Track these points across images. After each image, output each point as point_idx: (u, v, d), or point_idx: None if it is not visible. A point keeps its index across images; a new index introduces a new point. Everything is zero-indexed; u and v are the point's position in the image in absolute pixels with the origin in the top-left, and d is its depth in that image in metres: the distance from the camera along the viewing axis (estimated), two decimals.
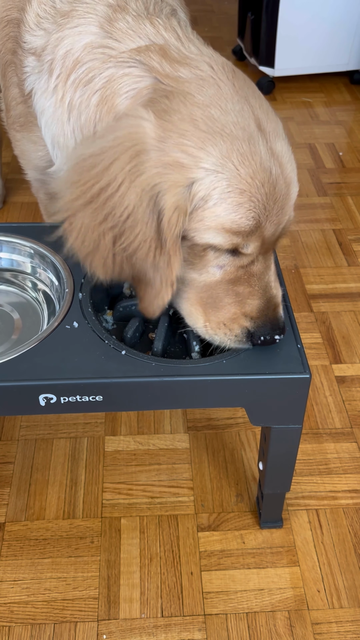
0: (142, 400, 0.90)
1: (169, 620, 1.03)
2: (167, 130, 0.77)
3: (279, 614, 1.04)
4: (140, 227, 0.77)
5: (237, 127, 0.79)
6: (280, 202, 0.81)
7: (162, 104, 0.80)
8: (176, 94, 0.80)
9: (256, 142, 0.80)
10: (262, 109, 0.84)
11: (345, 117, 2.42)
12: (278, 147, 0.82)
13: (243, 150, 0.78)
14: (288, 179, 0.82)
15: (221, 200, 0.77)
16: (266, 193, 0.79)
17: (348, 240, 1.82)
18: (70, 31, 0.93)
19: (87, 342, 0.92)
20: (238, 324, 0.87)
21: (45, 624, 1.02)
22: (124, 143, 0.77)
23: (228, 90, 0.82)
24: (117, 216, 0.77)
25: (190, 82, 0.82)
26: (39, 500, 1.19)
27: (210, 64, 0.84)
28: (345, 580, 1.08)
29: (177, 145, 0.77)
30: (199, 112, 0.78)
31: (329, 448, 1.28)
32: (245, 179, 0.77)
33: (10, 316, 1.05)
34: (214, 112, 0.79)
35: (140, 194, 0.76)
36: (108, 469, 1.24)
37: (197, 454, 1.27)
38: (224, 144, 0.77)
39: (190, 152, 0.77)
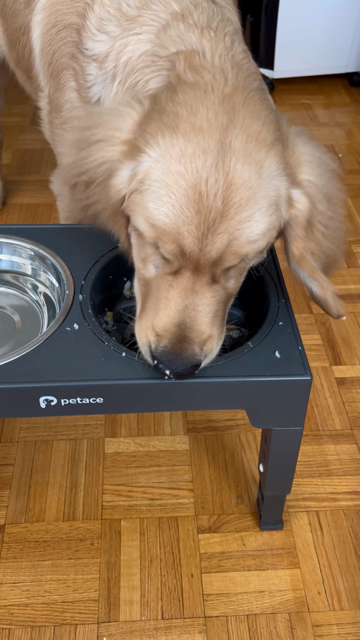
0: (142, 402, 0.90)
1: (169, 623, 1.02)
2: (146, 118, 0.84)
3: (280, 616, 1.03)
4: (95, 187, 0.87)
5: (195, 129, 0.79)
6: (206, 216, 0.78)
7: (157, 96, 0.86)
8: (168, 91, 0.85)
9: (207, 151, 0.78)
10: (246, 129, 0.80)
11: (345, 119, 2.43)
12: (237, 167, 0.78)
13: (186, 151, 0.78)
14: (229, 200, 0.78)
15: (149, 190, 0.80)
16: (188, 196, 0.77)
17: (348, 242, 1.82)
18: (134, 38, 0.97)
19: (88, 344, 0.92)
20: (146, 334, 0.85)
21: (45, 626, 1.02)
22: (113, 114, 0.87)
23: (214, 98, 0.82)
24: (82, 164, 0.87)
25: (185, 83, 0.84)
26: (39, 502, 1.18)
27: (216, 75, 0.84)
28: (345, 582, 1.08)
29: (143, 131, 0.83)
30: (170, 107, 0.82)
31: (329, 450, 1.28)
32: (173, 175, 0.78)
33: (11, 318, 1.05)
34: (182, 110, 0.81)
35: (101, 161, 0.85)
36: (108, 471, 1.24)
37: (197, 456, 1.27)
38: (173, 139, 0.79)
39: (146, 137, 0.82)
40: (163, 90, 0.87)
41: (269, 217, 0.82)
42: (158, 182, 0.79)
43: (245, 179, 0.79)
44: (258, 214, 0.80)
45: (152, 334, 0.84)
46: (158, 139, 0.80)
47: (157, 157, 0.80)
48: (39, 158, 2.13)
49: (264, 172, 0.80)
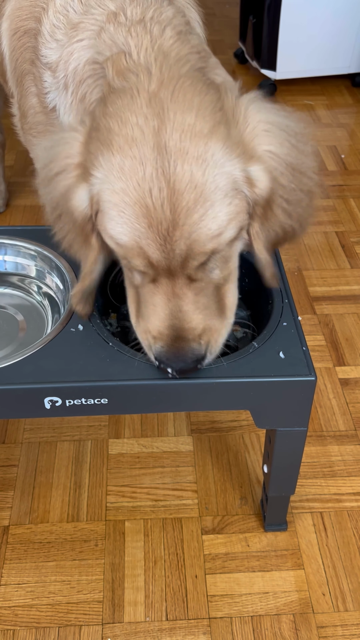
0: (147, 403, 0.90)
1: (173, 624, 1.02)
2: (89, 137, 0.83)
3: (284, 617, 1.03)
4: (64, 219, 0.87)
5: (128, 141, 0.77)
6: (159, 226, 0.77)
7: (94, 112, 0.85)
8: (100, 104, 0.84)
9: (145, 161, 0.76)
10: (180, 126, 0.76)
11: (347, 120, 2.43)
12: (177, 170, 0.75)
13: (124, 166, 0.77)
14: (176, 206, 0.76)
15: (104, 211, 0.80)
16: (136, 213, 0.77)
17: (351, 242, 1.82)
18: (78, 45, 0.95)
19: (92, 344, 0.92)
20: (147, 337, 0.86)
21: (49, 627, 1.02)
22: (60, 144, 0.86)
23: (140, 101, 0.79)
24: (50, 203, 0.88)
25: (113, 93, 0.83)
26: (43, 503, 1.18)
27: (140, 74, 0.81)
28: (350, 584, 1.08)
29: (89, 152, 0.82)
30: (103, 122, 0.80)
31: (333, 450, 1.28)
32: (118, 194, 0.77)
33: (15, 319, 1.05)
34: (112, 123, 0.79)
35: (62, 191, 0.85)
36: (112, 472, 1.24)
37: (201, 457, 1.27)
38: (110, 157, 0.78)
39: (91, 159, 0.81)
40: (97, 104, 0.86)
41: (227, 206, 0.78)
42: (108, 203, 0.79)
43: (188, 179, 0.76)
44: (212, 210, 0.77)
45: (151, 337, 0.85)
46: (99, 159, 0.79)
47: (102, 178, 0.79)
48: None
49: (208, 165, 0.77)
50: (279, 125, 0.82)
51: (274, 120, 0.82)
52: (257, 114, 0.82)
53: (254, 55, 2.59)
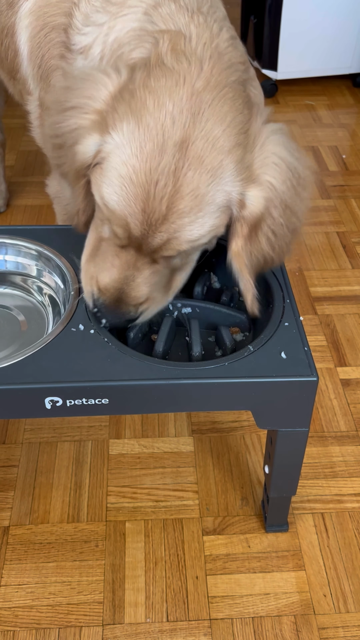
0: (148, 403, 0.90)
1: (174, 625, 1.02)
2: (120, 93, 0.83)
3: (285, 618, 1.03)
4: (64, 151, 0.89)
5: (158, 126, 0.80)
6: (150, 214, 0.81)
7: (135, 71, 0.85)
8: (144, 70, 0.84)
9: (164, 152, 0.79)
10: (206, 133, 0.80)
11: (348, 120, 2.42)
12: (187, 174, 0.80)
13: (145, 148, 0.80)
14: (173, 206, 0.80)
15: (107, 172, 0.83)
16: (136, 194, 0.81)
17: (352, 242, 1.82)
18: (121, 19, 0.96)
19: (93, 344, 0.92)
20: (92, 283, 0.93)
21: (49, 628, 1.01)
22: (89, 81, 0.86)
23: (182, 92, 0.81)
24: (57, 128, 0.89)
25: (161, 68, 0.83)
26: (43, 504, 1.18)
27: (192, 65, 0.82)
28: (351, 585, 1.07)
29: (113, 109, 0.83)
30: (140, 92, 0.82)
31: (334, 451, 1.27)
32: (128, 168, 0.81)
33: (16, 319, 1.05)
34: (149, 100, 0.81)
35: (73, 127, 0.86)
36: (112, 473, 1.23)
37: (202, 457, 1.26)
38: (135, 130, 0.80)
39: (115, 117, 0.82)
40: (140, 66, 0.85)
41: (214, 219, 0.84)
42: (115, 169, 0.81)
43: (194, 187, 0.80)
44: (201, 220, 0.83)
45: (96, 287, 0.92)
46: (123, 124, 0.81)
47: (119, 144, 0.81)
48: (42, 159, 2.13)
49: (215, 180, 0.82)
50: (288, 164, 0.87)
51: (285, 158, 0.87)
52: (273, 147, 0.87)
53: (255, 55, 2.58)
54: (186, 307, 1.02)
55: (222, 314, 1.01)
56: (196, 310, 1.02)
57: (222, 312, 1.01)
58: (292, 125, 2.38)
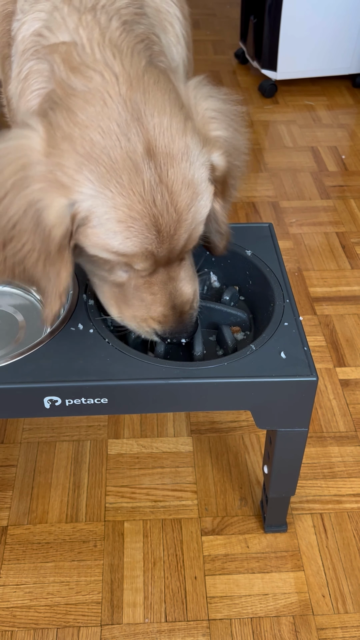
0: (147, 402, 0.90)
1: (172, 625, 1.02)
2: (51, 147, 0.77)
3: (284, 619, 1.03)
4: (26, 237, 0.78)
5: (118, 153, 0.75)
6: (167, 230, 0.79)
7: (51, 117, 0.78)
8: (62, 108, 0.78)
9: (141, 170, 0.76)
10: (160, 128, 0.78)
11: (348, 121, 2.42)
12: (170, 174, 0.78)
13: (122, 181, 0.76)
14: (179, 206, 0.79)
15: (100, 225, 0.77)
16: (146, 224, 0.78)
17: (351, 243, 1.82)
18: (31, 16, 0.91)
19: (92, 344, 0.91)
20: (147, 324, 0.90)
21: (48, 628, 1.01)
22: (10, 154, 0.77)
23: (115, 107, 0.76)
24: (3, 223, 0.78)
25: (76, 96, 0.77)
26: (42, 504, 1.18)
27: (103, 75, 0.78)
28: (350, 585, 1.07)
29: (57, 165, 0.76)
30: (77, 133, 0.76)
31: (333, 452, 1.27)
32: (121, 209, 0.76)
33: (15, 318, 1.05)
34: (93, 134, 0.75)
35: (25, 207, 0.76)
36: (111, 472, 1.23)
37: (201, 458, 1.26)
38: (101, 171, 0.75)
39: (70, 173, 0.76)
40: (52, 107, 0.79)
41: (208, 193, 0.84)
42: (109, 219, 0.77)
43: (181, 179, 0.79)
44: (202, 201, 0.82)
45: (154, 323, 0.89)
46: (86, 174, 0.75)
47: (95, 194, 0.76)
48: None
49: (190, 161, 0.80)
50: (222, 111, 0.87)
51: (217, 107, 0.87)
52: (204, 102, 0.86)
53: (255, 55, 2.58)
54: None
55: (223, 313, 1.01)
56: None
57: (223, 311, 1.01)
58: (292, 125, 2.38)
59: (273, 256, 1.06)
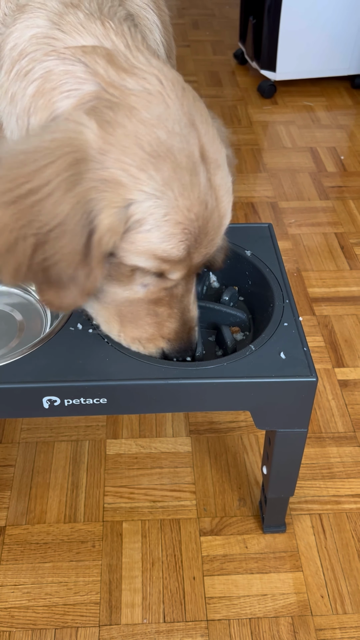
0: (146, 402, 0.90)
1: (171, 626, 1.02)
2: (109, 144, 0.73)
3: (283, 619, 1.03)
4: (68, 239, 0.72)
5: (182, 154, 0.75)
6: (211, 234, 0.80)
7: (106, 115, 0.75)
8: (121, 107, 0.75)
9: (198, 173, 0.77)
10: (208, 135, 0.79)
11: (347, 121, 2.43)
12: (217, 180, 0.79)
13: (185, 181, 0.75)
14: (222, 212, 0.81)
15: (156, 228, 0.75)
16: (199, 226, 0.78)
17: (350, 243, 1.82)
18: (20, 25, 0.86)
19: (91, 344, 0.91)
20: (154, 344, 0.89)
21: (46, 629, 1.01)
22: (62, 147, 0.72)
23: (176, 110, 0.76)
24: (43, 223, 0.71)
25: (137, 96, 0.76)
26: (40, 504, 1.18)
27: (159, 78, 0.77)
28: (349, 586, 1.07)
29: (117, 162, 0.73)
30: (143, 131, 0.74)
31: (332, 452, 1.27)
32: (182, 210, 0.75)
33: (14, 318, 1.05)
34: (160, 133, 0.74)
35: (75, 206, 0.71)
36: (109, 473, 1.23)
37: (200, 458, 1.26)
38: (166, 170, 0.74)
39: (132, 172, 0.73)
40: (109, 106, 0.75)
41: None
42: (168, 220, 0.75)
43: (225, 186, 0.81)
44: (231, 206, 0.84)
45: (163, 342, 0.89)
46: (151, 172, 0.73)
47: (157, 194, 0.74)
48: None
49: (227, 169, 0.83)
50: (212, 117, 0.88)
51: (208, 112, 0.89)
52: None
53: (254, 56, 2.58)
54: None
55: (222, 314, 1.01)
56: None
57: (223, 311, 1.01)
58: (291, 126, 2.39)
59: (272, 256, 1.06)
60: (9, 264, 0.74)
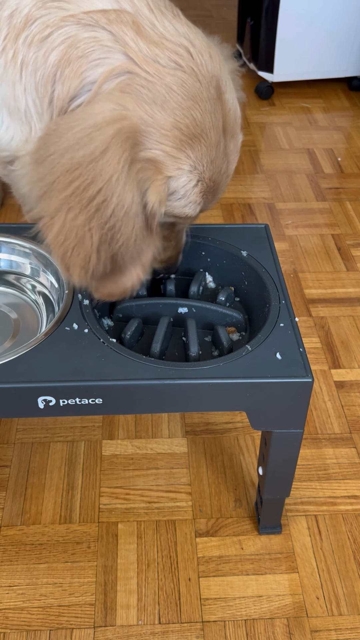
0: (142, 403, 0.89)
1: (166, 627, 1.01)
2: (150, 127, 0.77)
3: (278, 621, 1.02)
4: (133, 221, 0.78)
5: (212, 132, 0.83)
6: (219, 193, 0.90)
7: (144, 94, 0.76)
8: (158, 87, 0.77)
9: (220, 146, 0.85)
10: (229, 104, 0.86)
11: (344, 123, 2.43)
12: (231, 147, 0.88)
13: (212, 156, 0.84)
14: (229, 173, 0.90)
15: (184, 197, 0.85)
16: (215, 191, 0.89)
17: (347, 245, 1.82)
18: None
19: (87, 343, 0.91)
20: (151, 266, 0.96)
21: (40, 630, 1.00)
22: (111, 134, 0.73)
23: (207, 86, 0.81)
24: (110, 214, 0.74)
25: (172, 74, 0.78)
26: (35, 505, 1.17)
27: (189, 50, 0.79)
28: (344, 587, 1.07)
29: (158, 144, 0.79)
30: (180, 113, 0.79)
31: (328, 453, 1.27)
32: (206, 181, 0.86)
33: (9, 317, 1.04)
34: (195, 114, 0.80)
35: (135, 192, 0.77)
36: (105, 473, 1.23)
37: (196, 459, 1.26)
38: (199, 149, 0.82)
39: (172, 153, 0.80)
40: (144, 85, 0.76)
41: None
42: (195, 192, 0.85)
43: (235, 150, 0.89)
44: None
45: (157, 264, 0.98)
46: (188, 152, 0.81)
47: (190, 169, 0.83)
48: None
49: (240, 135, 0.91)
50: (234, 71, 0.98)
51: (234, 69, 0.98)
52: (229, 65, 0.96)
53: (252, 57, 2.59)
54: (182, 307, 1.01)
55: (218, 314, 1.01)
56: (192, 310, 1.01)
57: (219, 311, 1.01)
58: (288, 127, 2.39)
59: (269, 257, 1.06)
60: (77, 259, 0.77)
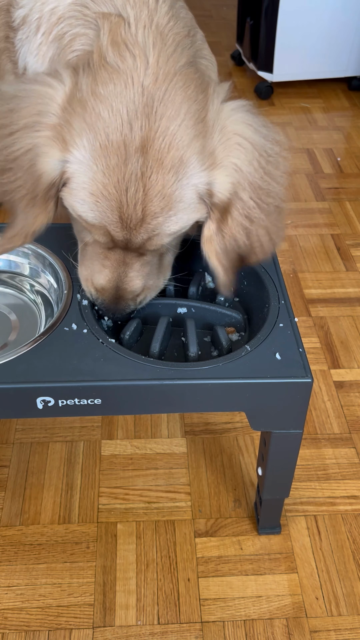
0: (141, 403, 0.89)
1: (165, 628, 1.01)
2: (68, 104, 0.81)
3: (277, 621, 1.02)
4: (20, 173, 0.83)
5: (117, 137, 0.78)
6: (127, 221, 0.82)
7: (80, 77, 0.82)
8: (89, 75, 0.81)
9: (128, 160, 0.79)
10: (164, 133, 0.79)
11: (344, 123, 2.43)
12: (152, 178, 0.80)
13: (109, 161, 0.79)
14: (145, 210, 0.81)
15: (77, 190, 0.83)
16: (111, 206, 0.81)
17: (346, 245, 1.82)
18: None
19: (86, 344, 0.91)
20: (90, 285, 0.94)
21: (39, 630, 1.00)
22: (33, 97, 0.82)
23: (132, 94, 0.78)
24: (5, 154, 0.83)
25: (106, 69, 0.80)
26: (34, 505, 1.17)
27: (137, 59, 0.79)
28: (344, 588, 1.07)
29: (67, 122, 0.81)
30: (91, 103, 0.79)
31: (328, 453, 1.27)
32: (98, 185, 0.81)
33: (8, 318, 1.04)
34: (103, 110, 0.79)
35: (28, 147, 0.82)
36: (104, 474, 1.22)
37: (195, 459, 1.26)
38: (96, 144, 0.79)
39: (72, 134, 0.80)
40: (84, 68, 0.82)
41: (188, 214, 0.84)
42: (84, 188, 0.82)
43: (159, 189, 0.80)
44: (174, 217, 0.83)
45: (92, 288, 0.94)
46: (83, 140, 0.79)
47: (82, 160, 0.80)
48: None
49: (179, 177, 0.80)
50: (253, 143, 0.84)
51: (249, 136, 0.84)
52: (235, 126, 0.83)
53: (251, 57, 2.59)
54: (182, 307, 1.01)
55: (217, 314, 1.01)
56: (191, 310, 1.01)
57: (218, 311, 1.01)
58: (288, 127, 2.39)
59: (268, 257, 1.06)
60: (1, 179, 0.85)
